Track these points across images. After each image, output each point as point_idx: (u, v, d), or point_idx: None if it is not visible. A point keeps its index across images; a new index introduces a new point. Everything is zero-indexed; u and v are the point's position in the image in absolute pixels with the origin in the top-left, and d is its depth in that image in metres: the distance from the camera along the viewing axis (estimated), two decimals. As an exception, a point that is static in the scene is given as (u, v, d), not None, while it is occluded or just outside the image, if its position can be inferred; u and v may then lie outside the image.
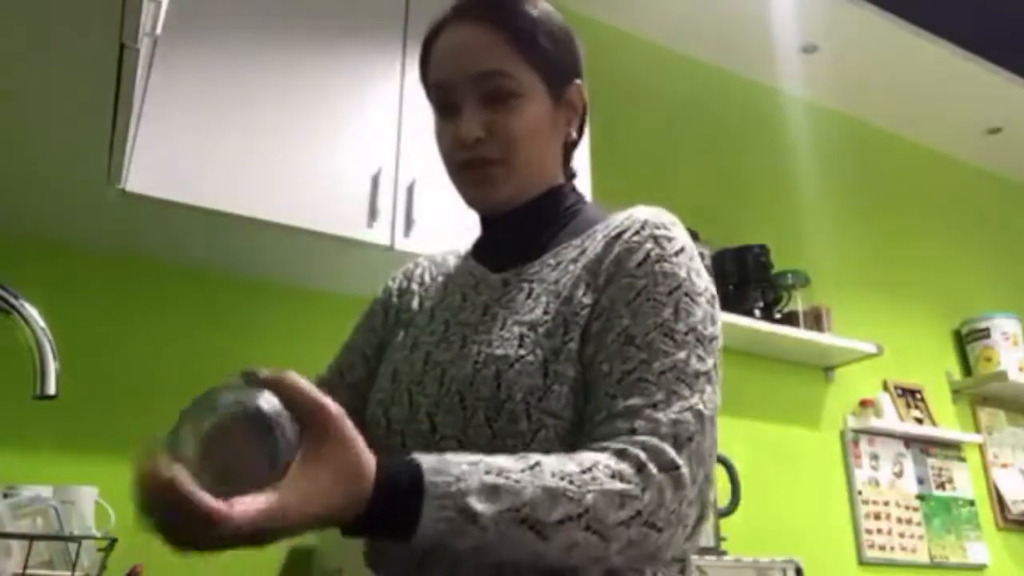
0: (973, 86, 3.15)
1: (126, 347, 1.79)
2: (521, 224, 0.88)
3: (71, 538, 1.26)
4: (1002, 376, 2.99)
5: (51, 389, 0.87)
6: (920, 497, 2.82)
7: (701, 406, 0.70)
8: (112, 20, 1.02)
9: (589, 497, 0.63)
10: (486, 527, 0.60)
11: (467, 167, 0.85)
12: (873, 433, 2.79)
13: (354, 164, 1.79)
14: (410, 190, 1.81)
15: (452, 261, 0.97)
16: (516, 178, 0.85)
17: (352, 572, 1.54)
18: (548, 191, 0.89)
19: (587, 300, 0.77)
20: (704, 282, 0.78)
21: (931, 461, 2.91)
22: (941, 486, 2.89)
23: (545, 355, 0.74)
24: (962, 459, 3.00)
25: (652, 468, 0.65)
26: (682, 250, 0.78)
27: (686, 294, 0.75)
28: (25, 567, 1.07)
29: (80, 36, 1.08)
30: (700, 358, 0.72)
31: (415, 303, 0.93)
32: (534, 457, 0.65)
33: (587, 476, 0.63)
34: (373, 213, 1.76)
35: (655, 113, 2.82)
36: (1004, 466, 3.11)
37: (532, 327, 0.77)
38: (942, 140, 3.52)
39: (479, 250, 0.94)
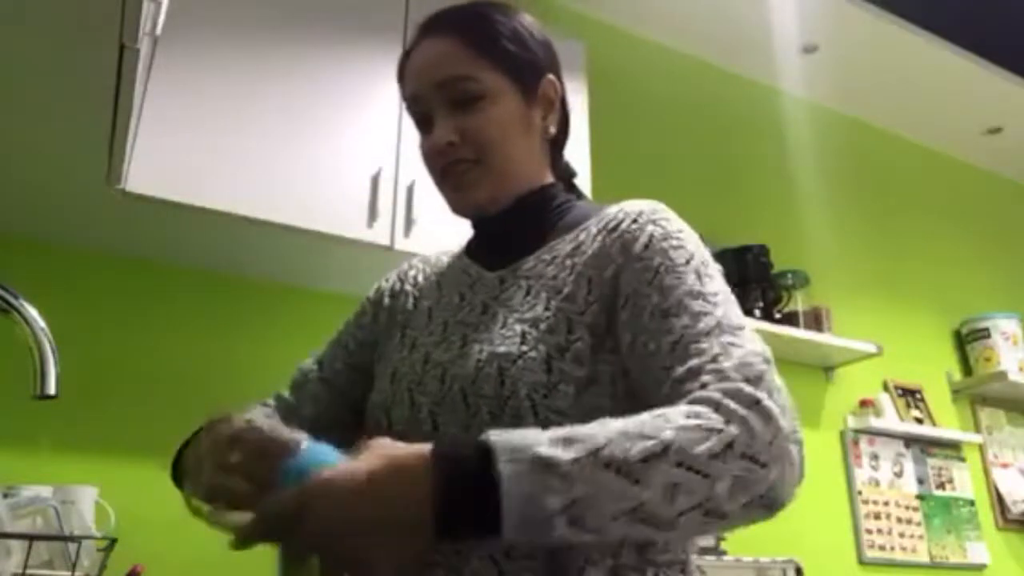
0: (973, 86, 3.15)
1: (126, 347, 1.79)
2: (511, 223, 0.88)
3: (71, 538, 1.26)
4: (1002, 376, 2.99)
5: (51, 389, 0.87)
6: (920, 497, 2.82)
7: (760, 348, 0.69)
8: (112, 20, 1.02)
9: (667, 433, 0.59)
10: (569, 475, 0.56)
11: (446, 173, 0.86)
12: (873, 433, 2.79)
13: (354, 164, 1.79)
14: (410, 190, 1.81)
15: (445, 260, 0.97)
16: (494, 177, 0.85)
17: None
18: (535, 189, 0.89)
19: (592, 298, 0.77)
20: (711, 258, 0.78)
21: (931, 461, 2.91)
22: (941, 486, 2.89)
23: (548, 351, 0.74)
24: (962, 459, 3.00)
25: (731, 404, 0.62)
26: (683, 229, 0.79)
27: (702, 262, 0.76)
28: (25, 567, 1.07)
29: (80, 36, 1.08)
30: (737, 315, 0.72)
31: (410, 303, 0.93)
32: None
33: (659, 420, 0.61)
34: (373, 213, 1.76)
35: (655, 113, 2.82)
36: (1004, 466, 3.11)
37: (533, 324, 0.77)
38: (942, 140, 3.52)
39: (472, 249, 0.94)
